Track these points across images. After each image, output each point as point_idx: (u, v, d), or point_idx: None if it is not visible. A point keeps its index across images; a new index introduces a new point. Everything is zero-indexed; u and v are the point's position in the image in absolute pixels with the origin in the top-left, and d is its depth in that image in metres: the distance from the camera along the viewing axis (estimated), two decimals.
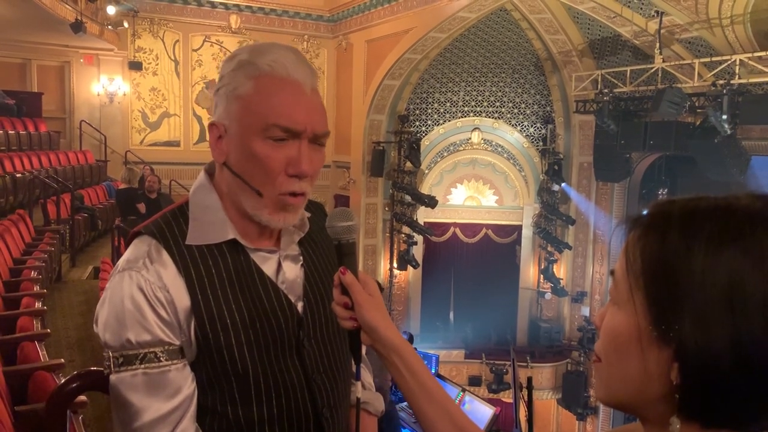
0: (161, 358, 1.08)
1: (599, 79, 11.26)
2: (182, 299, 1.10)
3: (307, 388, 1.20)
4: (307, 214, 1.27)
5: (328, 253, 1.31)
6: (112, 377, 1.08)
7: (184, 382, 1.10)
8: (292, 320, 1.19)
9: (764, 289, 0.64)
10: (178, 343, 1.10)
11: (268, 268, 1.20)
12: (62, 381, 1.63)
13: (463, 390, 9.46)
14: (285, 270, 1.22)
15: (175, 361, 1.09)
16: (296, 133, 1.11)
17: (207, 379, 1.14)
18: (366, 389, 1.43)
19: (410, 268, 13.83)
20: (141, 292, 1.08)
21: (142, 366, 1.07)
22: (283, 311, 1.18)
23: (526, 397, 5.09)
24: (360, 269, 1.12)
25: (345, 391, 1.33)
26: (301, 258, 1.26)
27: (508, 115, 13.80)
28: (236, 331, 1.12)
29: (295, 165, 1.12)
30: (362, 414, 1.36)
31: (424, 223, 13.69)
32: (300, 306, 1.21)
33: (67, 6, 10.54)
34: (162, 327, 1.08)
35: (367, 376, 1.48)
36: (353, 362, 1.16)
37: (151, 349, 1.07)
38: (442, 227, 14.25)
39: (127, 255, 1.14)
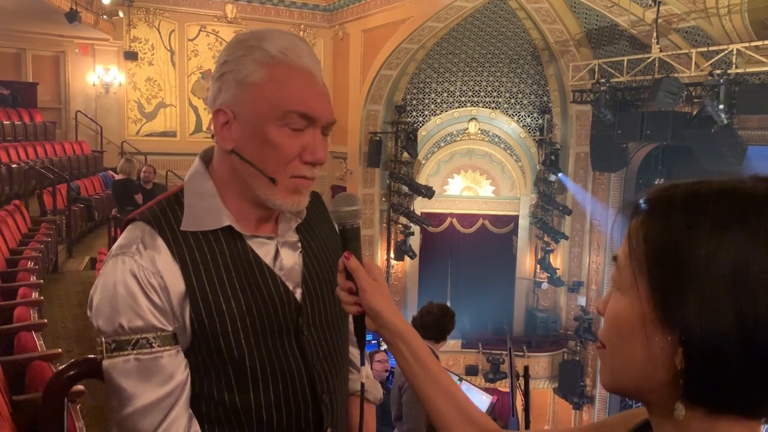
0: (153, 344, 1.07)
1: (596, 69, 11.23)
2: (176, 285, 1.09)
3: (307, 375, 1.19)
4: None
5: (325, 240, 1.31)
6: (105, 363, 1.08)
7: (176, 368, 1.10)
8: (290, 307, 1.18)
9: None
10: (171, 329, 1.10)
11: (266, 254, 1.19)
12: (59, 369, 1.62)
13: (460, 379, 9.48)
14: (283, 257, 1.21)
15: (167, 348, 1.09)
16: (313, 119, 1.12)
17: (203, 365, 1.13)
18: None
19: (407, 259, 13.84)
20: (134, 277, 1.07)
21: (135, 352, 1.06)
22: (280, 297, 1.17)
23: (522, 387, 5.10)
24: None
25: (344, 378, 1.33)
26: (300, 245, 1.25)
27: (505, 105, 13.78)
28: (232, 317, 1.12)
29: (312, 153, 1.13)
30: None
31: (421, 213, 13.69)
32: (299, 293, 1.21)
33: None
34: (154, 313, 1.08)
35: (366, 366, 1.49)
36: (358, 348, 1.16)
37: (144, 335, 1.07)
38: (439, 217, 14.25)
39: (120, 240, 1.13)
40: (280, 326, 1.16)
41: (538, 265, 13.90)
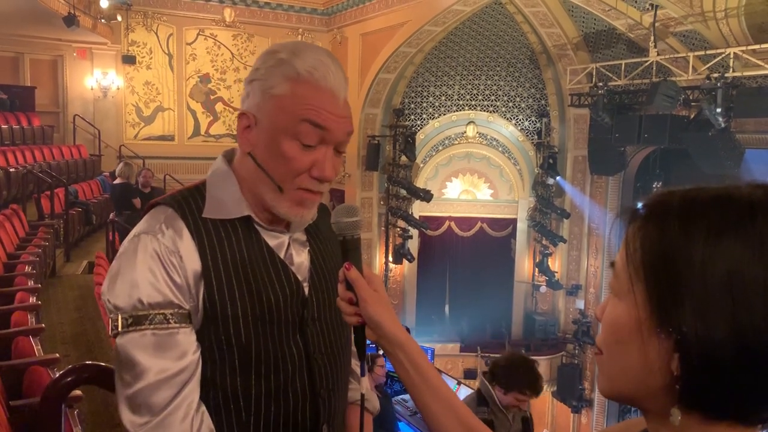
0: (170, 321, 1.11)
1: (594, 73, 11.25)
2: (194, 266, 1.14)
3: (307, 367, 1.22)
4: None
5: (332, 245, 1.35)
6: (120, 339, 1.10)
7: (190, 347, 1.13)
8: (298, 298, 1.22)
9: (764, 278, 0.63)
10: (187, 307, 1.13)
11: (278, 247, 1.24)
12: (57, 375, 1.62)
13: (459, 383, 9.47)
14: (293, 252, 1.26)
15: (183, 325, 1.12)
16: (326, 130, 1.15)
17: (209, 349, 1.16)
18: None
19: (406, 262, 13.83)
20: (156, 254, 1.12)
21: (151, 327, 1.10)
22: (291, 288, 1.21)
23: None
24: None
25: (344, 379, 1.35)
26: (308, 244, 1.31)
27: (503, 109, 13.80)
28: (243, 302, 1.16)
29: (320, 169, 1.17)
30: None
31: (420, 216, 13.70)
32: (306, 287, 1.25)
33: None
34: (173, 290, 1.12)
35: (365, 378, 1.50)
36: (358, 359, 1.17)
37: (161, 311, 1.10)
38: (438, 221, 14.27)
39: (143, 222, 1.19)
40: (286, 316, 1.20)
41: (537, 269, 13.91)
